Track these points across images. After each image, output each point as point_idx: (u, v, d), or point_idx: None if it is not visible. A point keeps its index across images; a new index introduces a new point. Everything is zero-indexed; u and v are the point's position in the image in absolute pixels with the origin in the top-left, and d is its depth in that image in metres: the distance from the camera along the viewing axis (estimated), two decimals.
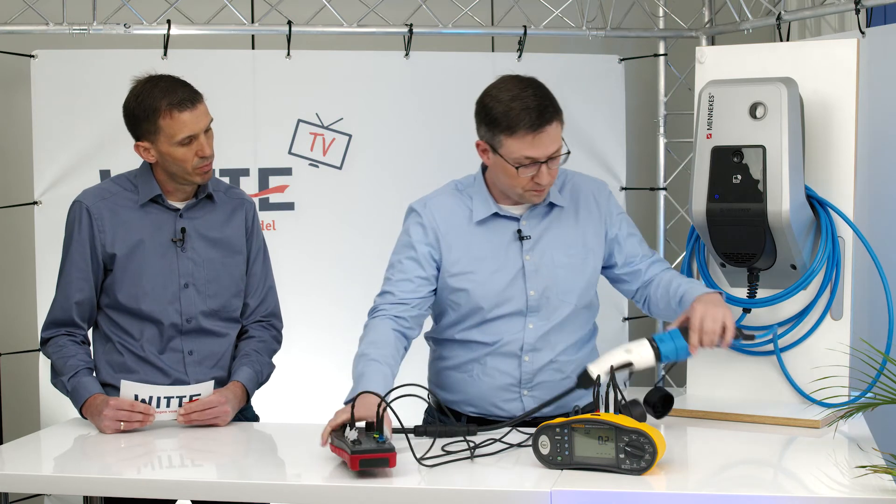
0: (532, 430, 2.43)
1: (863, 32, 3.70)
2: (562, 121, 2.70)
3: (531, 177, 2.69)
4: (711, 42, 4.49)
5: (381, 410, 2.41)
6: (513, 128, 2.64)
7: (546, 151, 2.67)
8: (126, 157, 3.11)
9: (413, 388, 2.50)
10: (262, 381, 3.03)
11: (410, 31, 4.26)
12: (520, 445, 2.53)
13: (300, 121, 4.23)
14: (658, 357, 2.58)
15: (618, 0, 4.44)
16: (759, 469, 2.44)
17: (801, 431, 2.64)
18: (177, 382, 2.91)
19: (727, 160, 2.76)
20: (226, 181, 3.20)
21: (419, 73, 4.30)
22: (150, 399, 2.82)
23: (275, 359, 3.10)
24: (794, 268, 2.83)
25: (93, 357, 2.98)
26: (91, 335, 3.03)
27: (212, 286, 2.98)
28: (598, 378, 2.50)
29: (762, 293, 2.88)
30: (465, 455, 2.46)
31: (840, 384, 2.76)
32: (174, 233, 2.96)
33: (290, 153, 4.23)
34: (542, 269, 2.80)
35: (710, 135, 2.79)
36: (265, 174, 4.21)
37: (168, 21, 4.10)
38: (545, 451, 2.36)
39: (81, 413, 2.88)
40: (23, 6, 4.06)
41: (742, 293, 2.90)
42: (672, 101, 4.62)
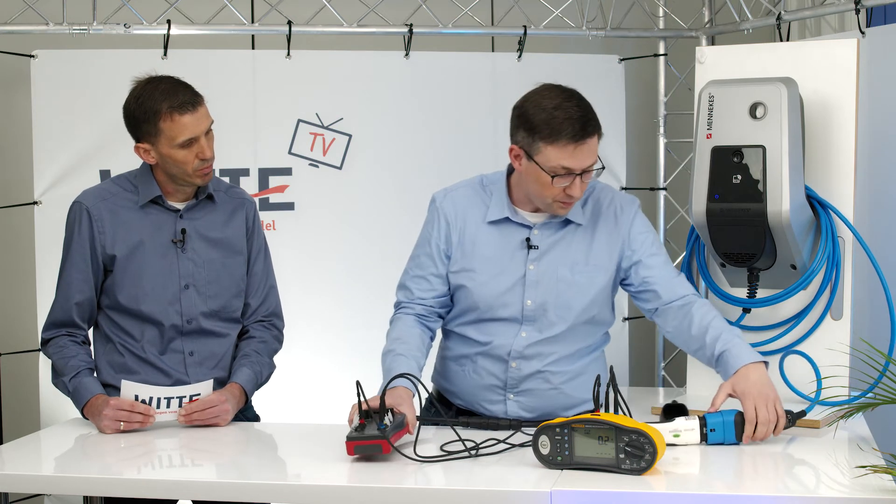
0: (532, 431, 2.44)
1: (863, 32, 3.70)
2: (601, 135, 2.69)
3: (563, 188, 2.67)
4: (711, 42, 4.49)
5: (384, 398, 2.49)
6: (555, 136, 2.63)
7: (583, 164, 2.65)
8: (126, 158, 3.11)
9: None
10: (262, 382, 3.03)
11: (410, 31, 4.26)
12: (521, 445, 2.53)
13: (300, 121, 4.23)
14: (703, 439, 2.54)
15: (618, 0, 4.44)
16: (760, 469, 2.44)
17: (801, 431, 2.64)
18: (178, 383, 2.91)
19: (727, 160, 2.76)
20: (226, 181, 3.19)
21: (419, 73, 4.30)
22: (150, 399, 2.82)
23: (275, 358, 3.10)
24: (794, 268, 2.83)
25: (93, 357, 2.99)
26: (91, 335, 3.03)
27: (212, 287, 2.98)
28: (598, 378, 2.50)
29: (762, 293, 2.88)
30: (466, 454, 2.46)
31: (840, 384, 2.76)
32: (174, 234, 2.96)
33: (290, 153, 4.23)
34: (544, 282, 2.79)
35: (710, 135, 2.79)
36: (265, 174, 4.20)
37: (168, 21, 4.10)
38: (545, 451, 2.36)
39: (83, 413, 2.88)
40: (23, 6, 4.05)
41: (742, 293, 2.90)
42: (672, 101, 4.62)
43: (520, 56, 4.36)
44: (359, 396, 2.47)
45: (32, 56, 4.02)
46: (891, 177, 3.64)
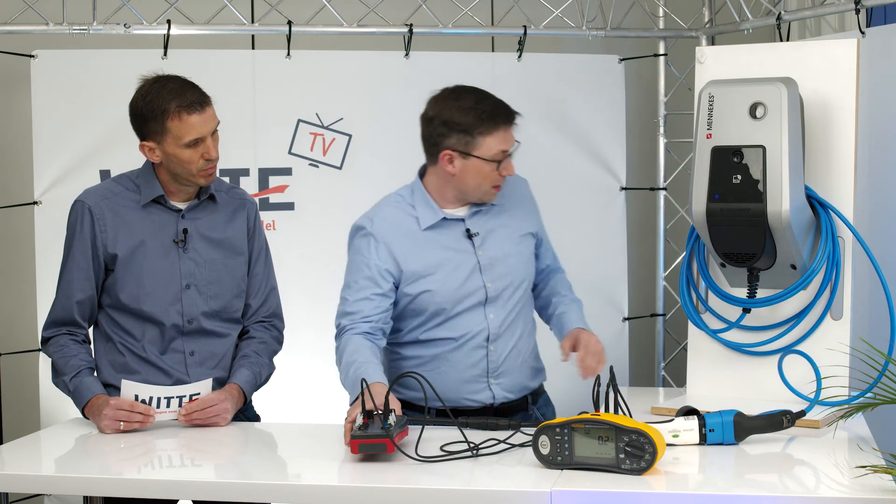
0: (532, 430, 2.44)
1: (863, 32, 3.70)
2: None
3: (500, 171, 2.90)
4: (711, 42, 4.48)
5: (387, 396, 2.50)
6: (493, 126, 2.87)
7: (512, 143, 2.92)
8: (126, 157, 3.11)
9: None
10: (261, 383, 3.03)
11: (410, 32, 4.26)
12: (521, 445, 2.53)
13: (300, 121, 4.23)
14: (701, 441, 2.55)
15: (618, 0, 4.44)
16: (759, 469, 2.44)
17: (801, 431, 2.64)
18: (178, 383, 2.91)
19: (727, 160, 2.76)
20: (226, 181, 3.19)
21: (419, 73, 4.29)
22: (150, 399, 2.82)
23: (275, 358, 3.10)
24: (794, 268, 2.83)
25: (94, 356, 2.99)
26: (92, 334, 3.03)
27: (213, 287, 2.98)
28: (598, 378, 2.50)
29: (762, 293, 2.88)
30: (466, 454, 2.46)
31: (840, 384, 2.76)
32: (176, 233, 2.96)
33: (290, 153, 4.23)
34: (496, 261, 2.98)
35: (710, 135, 2.79)
36: (265, 174, 4.20)
37: (168, 21, 4.10)
38: (545, 451, 2.36)
39: (83, 413, 2.88)
40: (23, 6, 4.05)
41: (742, 293, 2.90)
42: (672, 101, 4.62)
43: (520, 56, 4.36)
44: (362, 395, 2.47)
45: (32, 56, 4.01)
46: (891, 177, 3.64)
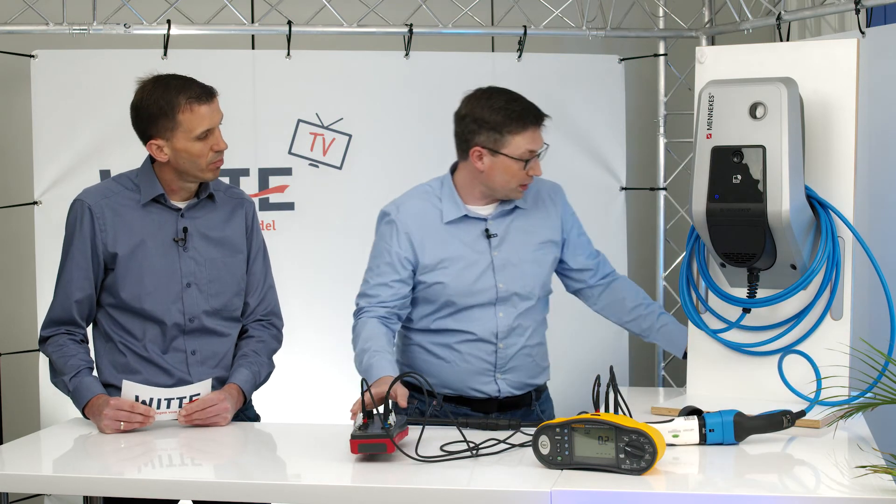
0: (532, 430, 2.44)
1: (863, 32, 3.70)
2: None
3: (527, 170, 2.98)
4: (711, 42, 4.49)
5: (391, 389, 2.56)
6: (522, 125, 2.97)
7: (541, 144, 3.01)
8: (126, 157, 3.11)
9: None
10: (260, 383, 3.03)
11: (410, 31, 4.26)
12: (521, 445, 2.53)
13: (300, 121, 4.23)
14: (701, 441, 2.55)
15: (618, 0, 4.44)
16: (759, 469, 2.44)
17: (801, 431, 2.64)
18: (180, 382, 2.91)
19: (727, 160, 2.76)
20: (226, 181, 3.20)
21: (419, 73, 4.30)
22: (151, 401, 2.82)
23: (274, 358, 3.10)
24: (794, 268, 2.83)
25: (93, 356, 2.98)
26: (91, 333, 3.03)
27: (214, 285, 2.99)
28: (598, 378, 2.50)
29: (762, 293, 2.88)
30: (466, 454, 2.46)
31: (840, 384, 2.76)
32: (176, 232, 2.96)
33: (290, 153, 4.23)
34: (510, 264, 3.07)
35: (710, 135, 2.79)
36: (265, 174, 4.21)
37: (168, 21, 4.10)
38: (545, 451, 2.36)
39: (83, 413, 2.88)
40: (23, 6, 4.05)
41: (742, 293, 2.90)
42: (672, 101, 4.62)
43: (520, 56, 4.36)
44: (363, 395, 2.47)
45: (32, 56, 4.02)
46: (891, 177, 3.64)
